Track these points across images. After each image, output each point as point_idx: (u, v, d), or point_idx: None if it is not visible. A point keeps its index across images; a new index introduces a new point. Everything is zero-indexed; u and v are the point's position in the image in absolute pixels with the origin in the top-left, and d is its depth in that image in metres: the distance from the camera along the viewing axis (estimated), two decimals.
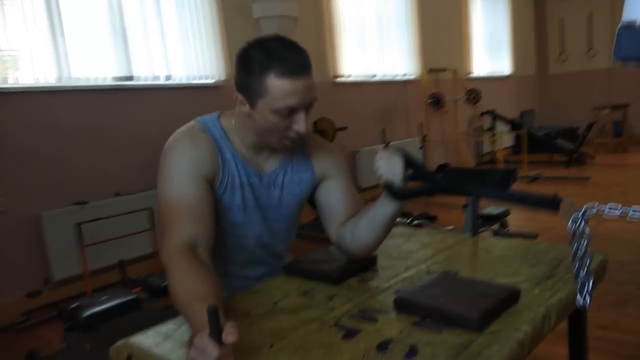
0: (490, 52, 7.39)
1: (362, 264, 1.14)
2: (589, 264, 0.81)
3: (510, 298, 0.89)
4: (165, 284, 2.17)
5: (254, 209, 1.16)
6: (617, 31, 0.82)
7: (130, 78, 3.51)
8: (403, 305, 0.89)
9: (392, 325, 0.85)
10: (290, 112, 1.03)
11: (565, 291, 0.96)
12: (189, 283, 0.87)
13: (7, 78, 2.93)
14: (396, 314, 0.89)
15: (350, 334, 0.83)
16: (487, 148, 7.05)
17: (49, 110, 3.12)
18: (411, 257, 1.21)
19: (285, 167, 1.19)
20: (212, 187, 1.09)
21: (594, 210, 0.79)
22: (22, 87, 3.00)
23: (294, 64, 1.00)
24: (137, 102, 3.54)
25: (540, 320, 0.85)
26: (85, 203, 3.20)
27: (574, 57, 8.23)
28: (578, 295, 0.83)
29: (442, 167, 5.29)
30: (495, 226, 3.48)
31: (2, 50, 2.91)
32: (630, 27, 0.80)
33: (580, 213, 0.79)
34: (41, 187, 3.07)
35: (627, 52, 0.82)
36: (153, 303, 2.28)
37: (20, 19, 2.98)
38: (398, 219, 3.31)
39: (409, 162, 1.05)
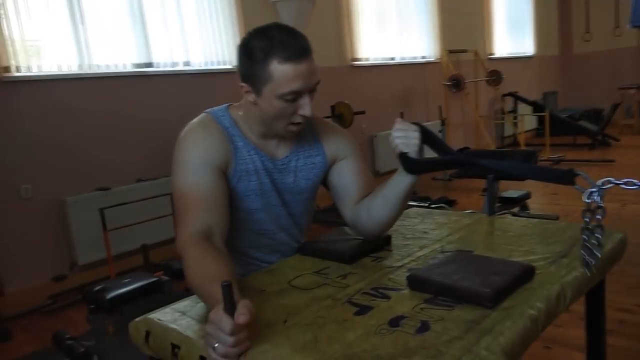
0: (512, 32, 7.22)
1: (376, 244, 1.14)
2: (601, 236, 0.81)
3: (524, 275, 0.88)
4: None
5: (272, 192, 1.17)
6: None
7: (149, 65, 3.54)
8: (416, 282, 0.89)
9: (404, 302, 0.85)
10: (295, 96, 1.04)
11: (581, 269, 0.95)
12: (204, 267, 0.89)
13: (30, 66, 2.99)
14: (409, 291, 0.89)
15: (362, 310, 0.83)
16: (508, 131, 6.93)
17: (71, 97, 3.18)
18: (425, 236, 1.21)
19: (297, 153, 1.20)
20: (226, 176, 1.11)
21: (610, 185, 0.78)
22: (45, 75, 3.06)
23: (296, 48, 1.02)
24: (156, 89, 3.58)
25: (555, 298, 0.85)
26: (108, 189, 3.27)
27: (599, 36, 7.99)
28: (585, 261, 0.82)
29: (462, 150, 5.23)
30: (516, 209, 3.43)
31: (24, 39, 2.97)
32: None
33: (595, 187, 0.78)
34: (65, 174, 3.14)
35: None
36: (174, 285, 2.33)
37: (42, 7, 3.03)
38: (416, 202, 3.25)
39: (425, 135, 1.03)
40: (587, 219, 0.83)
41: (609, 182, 0.79)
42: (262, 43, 1.02)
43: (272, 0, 4.15)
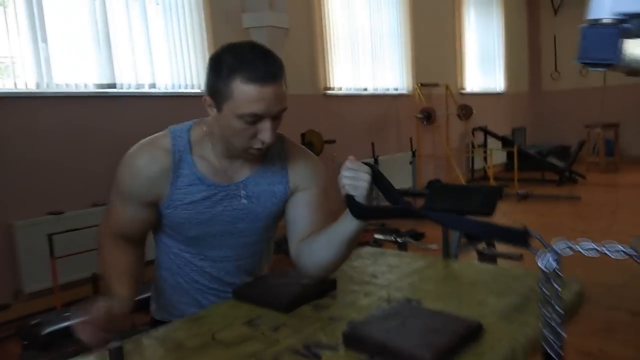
0: (483, 68, 7.38)
1: (319, 289, 1.05)
2: (559, 312, 0.71)
3: (471, 334, 0.80)
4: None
5: (212, 222, 1.13)
6: (581, 32, 0.74)
7: (113, 85, 3.43)
8: (352, 340, 0.80)
9: None
10: (255, 119, 1.00)
11: (535, 327, 0.87)
12: (111, 258, 1.13)
13: None
14: (344, 350, 0.80)
15: None
16: (478, 164, 7.00)
17: (28, 116, 3.03)
18: (374, 281, 1.12)
19: (258, 177, 1.14)
20: (156, 205, 1.13)
21: (566, 251, 0.69)
22: (1, 93, 2.92)
23: (263, 70, 0.98)
24: (120, 110, 3.47)
25: None
26: (61, 213, 3.10)
27: (567, 74, 8.23)
28: (545, 346, 0.73)
29: (432, 183, 5.23)
30: (482, 245, 3.40)
31: None
32: (594, 25, 0.71)
33: (549, 254, 0.69)
34: (14, 196, 2.97)
35: (592, 53, 0.74)
36: None
37: (2, 24, 2.91)
38: (381, 236, 3.14)
39: (377, 178, 0.96)
40: (544, 289, 0.71)
41: (566, 245, 0.69)
42: (230, 59, 0.99)
43: (245, 26, 4.13)
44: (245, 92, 0.97)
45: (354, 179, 0.95)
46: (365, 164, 0.98)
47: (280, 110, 1.02)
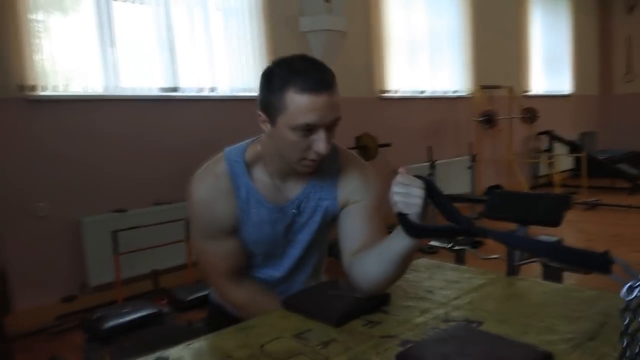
0: (549, 70, 7.02)
1: (372, 303, 1.01)
2: None
3: None
4: (190, 297, 2.14)
5: (274, 241, 1.17)
6: None
7: (175, 89, 3.54)
8: None
9: None
10: (309, 130, 0.99)
11: (612, 358, 0.79)
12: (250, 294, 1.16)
13: (57, 86, 3.02)
14: None
15: None
16: (543, 170, 6.65)
17: (94, 118, 3.19)
18: (430, 297, 1.07)
19: (308, 192, 1.15)
20: (236, 229, 1.14)
21: None
22: (69, 95, 3.08)
23: (315, 79, 0.98)
24: (181, 113, 3.58)
25: None
26: (124, 211, 3.23)
27: None
28: None
29: (492, 189, 5.02)
30: (545, 259, 3.21)
31: (52, 60, 3.00)
32: None
33: (637, 283, 0.61)
34: (82, 194, 3.13)
35: None
36: (176, 317, 2.24)
37: (72, 28, 3.07)
38: (437, 243, 3.02)
39: (431, 192, 0.89)
40: (626, 320, 0.63)
41: None
42: (282, 71, 1.00)
43: (303, 30, 4.14)
44: (299, 103, 0.97)
45: (406, 196, 0.89)
46: (419, 177, 0.91)
47: (334, 120, 1.01)
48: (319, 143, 1.00)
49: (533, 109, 6.08)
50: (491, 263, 2.86)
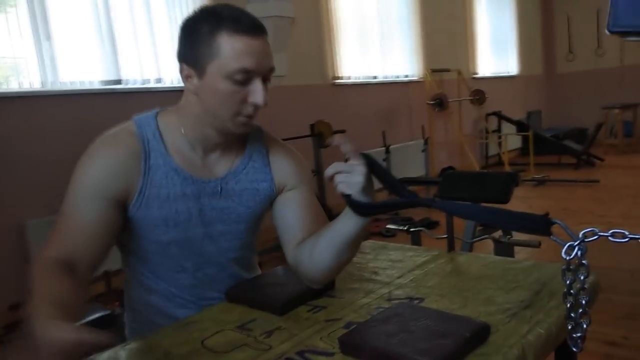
0: (496, 52, 7.21)
1: (316, 288, 1.00)
2: (587, 303, 0.66)
3: (477, 336, 0.75)
4: None
5: (191, 222, 1.01)
6: None
7: (118, 82, 3.41)
8: (348, 346, 0.75)
9: None
10: (246, 78, 0.91)
11: (546, 324, 0.82)
12: (45, 291, 0.79)
13: None
14: (341, 356, 0.75)
15: None
16: (493, 150, 6.86)
17: (33, 115, 3.03)
18: (374, 278, 1.07)
19: (238, 173, 1.04)
20: (125, 205, 0.97)
21: (594, 237, 0.63)
22: (5, 93, 2.91)
23: (249, 22, 0.91)
24: (126, 106, 3.43)
25: None
26: None
27: (582, 55, 8.02)
28: (569, 340, 0.67)
29: (445, 170, 5.14)
30: (498, 233, 3.32)
31: None
32: None
33: (576, 242, 0.62)
34: (25, 196, 2.98)
35: (625, 20, 0.64)
36: None
37: (5, 25, 2.90)
38: (393, 226, 3.02)
39: (373, 169, 0.87)
40: (568, 281, 0.65)
41: (593, 233, 0.62)
42: (209, 17, 0.91)
43: None
44: (234, 46, 0.89)
45: (347, 175, 0.85)
46: (361, 154, 0.88)
47: (270, 70, 0.94)
48: (257, 93, 0.91)
49: (481, 91, 6.24)
50: (444, 242, 2.91)
